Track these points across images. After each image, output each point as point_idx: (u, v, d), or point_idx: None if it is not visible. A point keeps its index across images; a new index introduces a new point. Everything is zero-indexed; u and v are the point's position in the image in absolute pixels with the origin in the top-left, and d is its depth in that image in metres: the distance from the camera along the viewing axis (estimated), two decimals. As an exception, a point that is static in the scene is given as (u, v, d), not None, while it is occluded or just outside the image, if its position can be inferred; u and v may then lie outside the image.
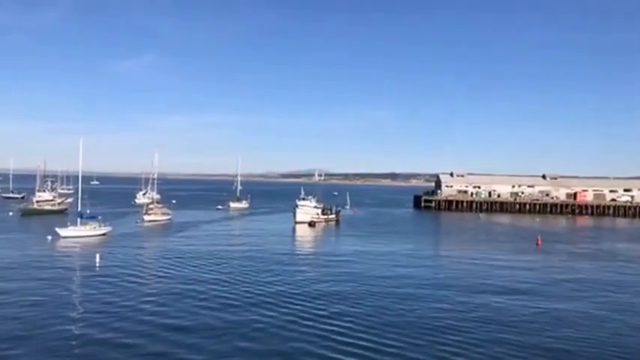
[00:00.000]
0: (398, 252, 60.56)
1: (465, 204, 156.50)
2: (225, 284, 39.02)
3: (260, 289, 37.57)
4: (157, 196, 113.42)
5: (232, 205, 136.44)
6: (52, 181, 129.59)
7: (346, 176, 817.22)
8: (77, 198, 76.27)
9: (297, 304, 33.12)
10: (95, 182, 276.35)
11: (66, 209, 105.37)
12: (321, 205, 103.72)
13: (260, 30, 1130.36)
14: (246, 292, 36.60)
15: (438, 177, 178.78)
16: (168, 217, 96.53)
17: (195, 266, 47.07)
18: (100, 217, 73.50)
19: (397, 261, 53.55)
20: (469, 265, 52.24)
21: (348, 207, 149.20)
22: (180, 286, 37.89)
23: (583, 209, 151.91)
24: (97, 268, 45.63)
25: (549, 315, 32.34)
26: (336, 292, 37.15)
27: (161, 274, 43.16)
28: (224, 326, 28.23)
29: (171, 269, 45.34)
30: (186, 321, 29.04)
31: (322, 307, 32.62)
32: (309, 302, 33.90)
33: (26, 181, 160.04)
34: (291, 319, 29.68)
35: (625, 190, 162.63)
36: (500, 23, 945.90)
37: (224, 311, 31.34)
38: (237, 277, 41.84)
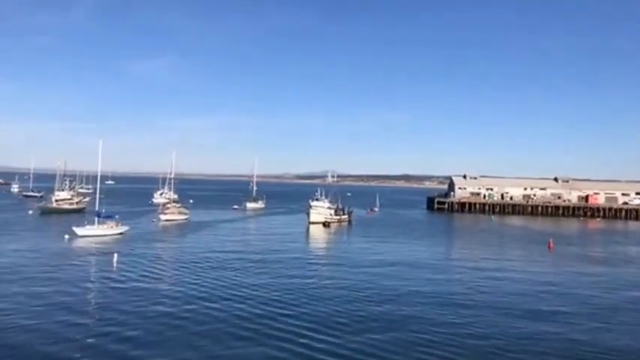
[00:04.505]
0: (410, 258, 56.86)
1: (477, 206, 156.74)
2: (239, 287, 38.22)
3: (269, 290, 37.47)
4: (174, 196, 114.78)
5: (249, 205, 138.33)
6: (70, 181, 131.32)
7: (360, 177, 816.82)
8: (95, 197, 76.95)
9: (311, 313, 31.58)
10: (110, 182, 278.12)
11: (84, 208, 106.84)
12: (334, 206, 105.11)
13: (277, 32, 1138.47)
14: (260, 297, 35.41)
15: (451, 179, 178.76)
16: (186, 216, 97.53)
17: (211, 267, 47.00)
18: (117, 217, 74.49)
19: (409, 270, 49.01)
20: (482, 273, 48.68)
21: (377, 208, 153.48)
22: (197, 288, 37.41)
23: (595, 212, 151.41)
24: (115, 268, 45.84)
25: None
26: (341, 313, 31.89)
27: (179, 274, 43.14)
28: (238, 333, 27.36)
29: (189, 270, 45.23)
30: (202, 325, 28.24)
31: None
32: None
33: (46, 180, 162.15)
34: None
35: (637, 194, 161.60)
36: (513, 26, 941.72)
37: (232, 315, 30.91)
38: (254, 280, 41.09)
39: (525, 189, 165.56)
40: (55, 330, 26.96)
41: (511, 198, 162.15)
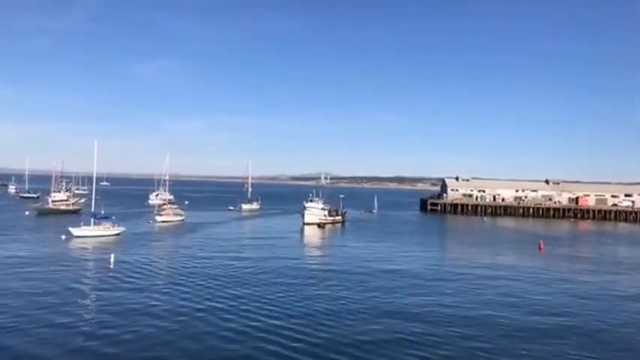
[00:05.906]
0: (403, 263, 55.43)
1: (469, 207, 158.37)
2: (232, 294, 37.36)
3: (263, 294, 37.61)
4: (170, 197, 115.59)
5: (244, 206, 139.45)
6: (66, 182, 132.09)
7: (354, 179, 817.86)
8: (91, 198, 77.61)
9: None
10: (105, 183, 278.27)
11: (80, 209, 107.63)
12: (328, 207, 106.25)
13: (275, 35, 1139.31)
14: (257, 299, 35.98)
15: (443, 181, 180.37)
16: (181, 217, 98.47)
17: (205, 271, 46.37)
18: (113, 218, 75.17)
19: (402, 278, 46.99)
20: (475, 281, 46.58)
21: (375, 210, 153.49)
22: (190, 297, 36.09)
23: (585, 214, 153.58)
24: (112, 269, 45.93)
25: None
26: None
27: (175, 277, 43.10)
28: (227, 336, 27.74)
29: (184, 272, 45.31)
30: (191, 339, 27.36)
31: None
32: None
33: (42, 182, 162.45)
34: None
35: (626, 195, 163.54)
36: (507, 32, 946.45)
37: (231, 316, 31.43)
38: (249, 284, 40.97)
39: (517, 191, 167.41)
40: (48, 332, 27.22)
41: (503, 200, 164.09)
